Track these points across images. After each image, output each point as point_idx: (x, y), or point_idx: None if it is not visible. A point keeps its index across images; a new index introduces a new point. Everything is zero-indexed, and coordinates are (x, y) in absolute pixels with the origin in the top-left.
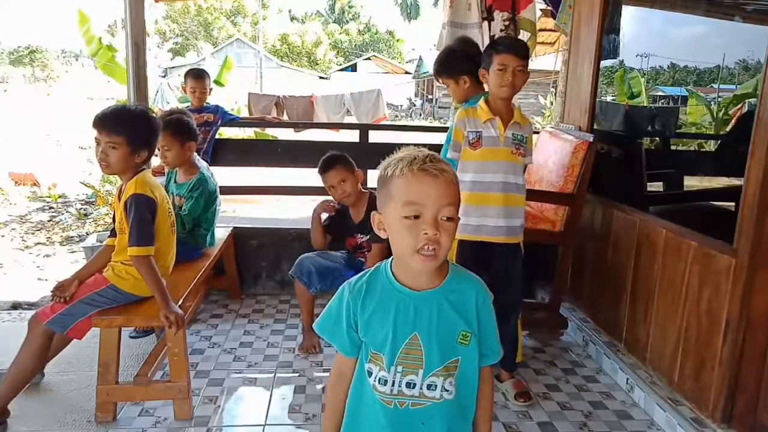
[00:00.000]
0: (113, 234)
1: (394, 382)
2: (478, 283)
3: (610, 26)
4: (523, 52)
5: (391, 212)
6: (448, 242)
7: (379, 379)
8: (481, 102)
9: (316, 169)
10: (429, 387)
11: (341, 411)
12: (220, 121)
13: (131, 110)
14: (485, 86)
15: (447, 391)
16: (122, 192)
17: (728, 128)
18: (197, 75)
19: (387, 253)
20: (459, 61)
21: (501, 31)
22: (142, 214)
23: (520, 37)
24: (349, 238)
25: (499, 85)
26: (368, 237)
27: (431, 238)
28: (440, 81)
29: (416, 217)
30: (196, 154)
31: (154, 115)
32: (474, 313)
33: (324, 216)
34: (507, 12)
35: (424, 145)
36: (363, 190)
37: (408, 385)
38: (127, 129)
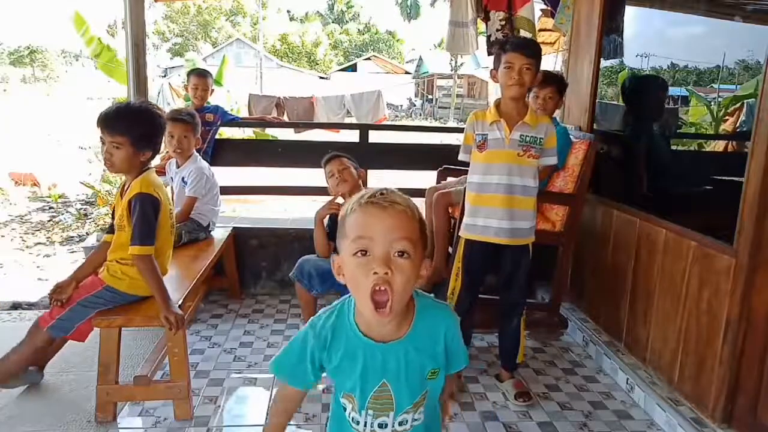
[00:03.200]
0: (111, 230)
1: (366, 423)
2: (444, 312)
3: (610, 26)
4: (530, 51)
5: (345, 251)
6: (402, 284)
7: (353, 418)
8: (492, 104)
9: (317, 169)
10: (400, 423)
11: (287, 423)
12: (219, 121)
13: (135, 109)
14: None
15: (416, 419)
16: (125, 189)
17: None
18: (200, 73)
19: None
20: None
21: (497, 30)
22: (146, 213)
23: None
24: None
25: (506, 84)
26: None
27: (381, 277)
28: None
29: (364, 252)
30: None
31: (159, 113)
32: (442, 345)
33: (328, 219)
34: (503, 12)
35: (424, 145)
36: (363, 189)
37: (380, 425)
38: (131, 129)
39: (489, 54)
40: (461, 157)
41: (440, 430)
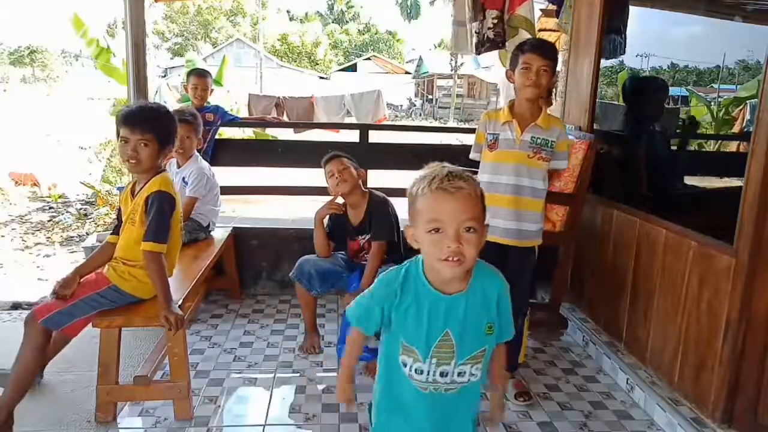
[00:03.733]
0: (115, 231)
1: (429, 371)
2: (497, 276)
3: (610, 26)
4: (548, 53)
5: (419, 228)
6: (472, 252)
7: (415, 369)
8: (506, 105)
9: (317, 169)
10: (459, 374)
11: (358, 356)
12: (219, 121)
13: (157, 108)
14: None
15: (473, 375)
16: (137, 188)
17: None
18: (199, 73)
19: (387, 251)
20: None
21: (489, 29)
22: (164, 211)
23: (518, 36)
24: (350, 242)
25: (523, 84)
26: (368, 237)
27: (454, 251)
28: None
29: (438, 230)
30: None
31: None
32: (495, 304)
33: (328, 219)
34: (497, 10)
35: (423, 146)
36: (364, 190)
37: (441, 374)
38: (158, 126)
39: (479, 53)
40: (472, 155)
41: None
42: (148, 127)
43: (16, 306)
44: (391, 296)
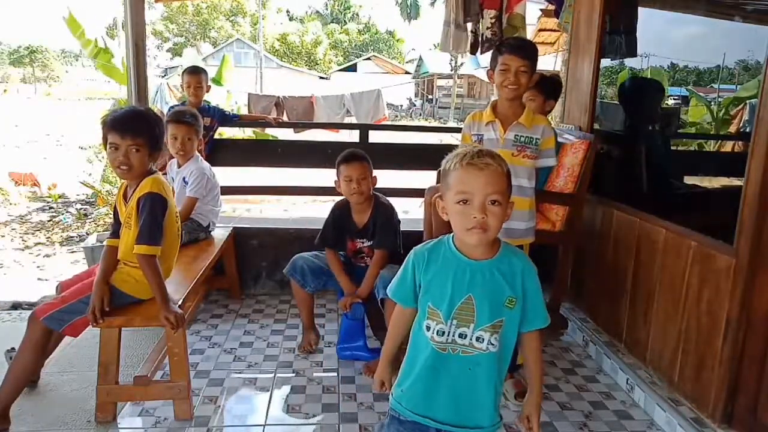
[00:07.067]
0: (113, 235)
1: (449, 332)
2: (524, 258)
3: (611, 26)
4: (526, 53)
5: (449, 199)
6: (496, 223)
7: (437, 331)
8: (489, 105)
9: (317, 168)
10: (478, 339)
11: (399, 337)
12: (217, 125)
13: (145, 112)
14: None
15: (492, 344)
16: (129, 191)
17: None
18: (193, 71)
19: (389, 259)
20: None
21: (487, 29)
22: (155, 213)
23: (517, 35)
24: (349, 241)
25: (502, 84)
26: (369, 243)
27: (479, 221)
28: None
29: (466, 202)
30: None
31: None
32: (519, 282)
33: (330, 214)
34: (495, 10)
35: (424, 145)
36: (370, 194)
37: (461, 335)
38: (148, 131)
39: (482, 53)
40: None
41: (505, 374)
42: (138, 132)
43: (16, 306)
44: (420, 261)
